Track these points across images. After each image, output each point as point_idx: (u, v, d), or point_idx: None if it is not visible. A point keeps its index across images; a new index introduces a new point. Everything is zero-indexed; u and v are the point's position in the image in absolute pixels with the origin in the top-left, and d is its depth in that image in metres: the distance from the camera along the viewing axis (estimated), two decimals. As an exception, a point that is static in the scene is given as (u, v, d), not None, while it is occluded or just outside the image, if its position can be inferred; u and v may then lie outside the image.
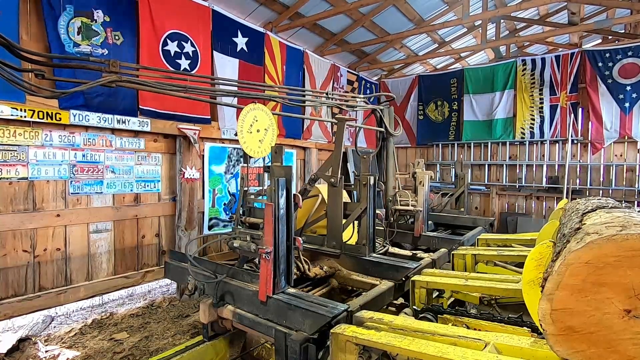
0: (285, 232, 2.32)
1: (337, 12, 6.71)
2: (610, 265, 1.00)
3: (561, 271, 1.06)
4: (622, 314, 1.00)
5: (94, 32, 4.28)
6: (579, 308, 1.04)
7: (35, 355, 3.26)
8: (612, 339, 1.02)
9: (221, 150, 5.96)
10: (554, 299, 1.07)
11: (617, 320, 1.01)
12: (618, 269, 1.00)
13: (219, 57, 5.75)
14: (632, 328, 1.00)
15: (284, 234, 2.31)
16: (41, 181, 4.06)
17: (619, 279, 1.00)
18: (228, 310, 2.47)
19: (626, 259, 0.98)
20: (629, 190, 7.34)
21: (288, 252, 2.36)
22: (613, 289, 1.01)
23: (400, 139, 10.05)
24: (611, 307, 1.01)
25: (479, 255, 3.19)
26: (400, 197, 4.43)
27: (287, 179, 2.33)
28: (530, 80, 8.20)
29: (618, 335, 1.01)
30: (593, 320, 1.03)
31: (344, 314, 1.98)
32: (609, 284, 1.01)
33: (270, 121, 2.65)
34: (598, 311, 1.03)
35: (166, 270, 3.24)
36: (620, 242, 0.99)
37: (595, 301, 1.03)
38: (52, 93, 2.22)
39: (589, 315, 1.04)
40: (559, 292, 1.06)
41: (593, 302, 1.03)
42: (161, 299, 4.74)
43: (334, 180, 3.21)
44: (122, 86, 2.19)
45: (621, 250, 0.99)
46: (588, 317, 1.04)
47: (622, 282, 1.00)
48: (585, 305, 1.04)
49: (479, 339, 1.53)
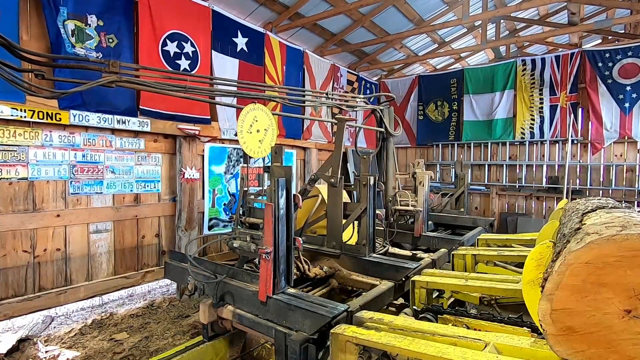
0: (285, 232, 2.31)
1: (337, 12, 6.71)
2: (610, 265, 1.00)
3: (561, 271, 1.05)
4: (622, 314, 1.00)
5: (88, 36, 4.28)
6: (579, 308, 1.04)
7: (35, 355, 3.25)
8: (612, 339, 1.02)
9: (221, 151, 5.96)
10: (554, 299, 1.06)
11: (617, 320, 1.01)
12: (618, 269, 1.00)
13: (219, 57, 5.76)
14: (632, 328, 0.99)
15: (284, 234, 2.31)
16: (41, 181, 4.06)
17: (619, 279, 1.00)
18: (228, 311, 2.47)
19: (626, 259, 0.98)
20: (629, 190, 7.34)
21: (288, 253, 2.35)
22: (613, 289, 1.01)
23: (400, 139, 10.05)
24: (611, 307, 1.01)
25: (479, 255, 3.18)
26: (400, 198, 4.43)
27: (287, 179, 2.33)
28: (530, 80, 8.21)
29: (618, 336, 1.01)
30: (593, 321, 1.03)
31: (344, 314, 1.98)
32: (609, 284, 1.01)
33: (270, 121, 2.65)
34: (598, 311, 1.03)
35: (166, 270, 3.23)
36: (620, 242, 0.99)
37: (595, 301, 1.03)
38: (51, 93, 2.22)
39: (589, 316, 1.03)
40: (559, 292, 1.05)
41: (593, 303, 1.03)
42: (161, 299, 4.74)
43: (333, 181, 3.21)
44: (122, 86, 2.19)
45: (621, 250, 0.99)
46: (588, 318, 1.04)
47: (622, 282, 1.00)
48: (586, 306, 1.03)
49: (479, 339, 1.53)
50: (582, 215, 1.50)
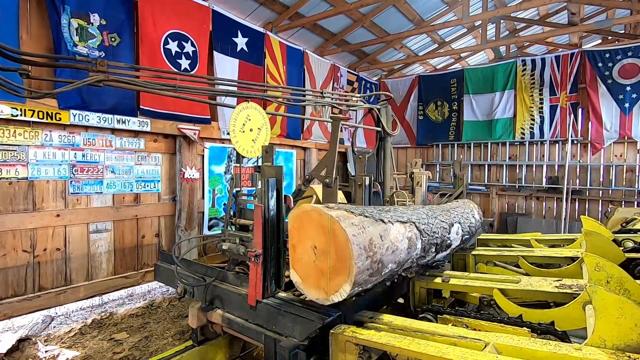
0: (275, 234, 2.23)
1: (337, 12, 6.71)
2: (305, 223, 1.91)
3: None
4: (312, 248, 1.88)
5: (91, 35, 4.28)
6: (298, 245, 1.96)
7: (35, 355, 3.25)
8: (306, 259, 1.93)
9: (221, 150, 5.96)
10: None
11: (311, 252, 1.89)
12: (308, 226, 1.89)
13: (218, 57, 5.75)
14: (314, 257, 1.89)
15: (275, 236, 2.23)
16: (41, 181, 4.06)
17: (308, 232, 1.89)
18: (217, 315, 2.39)
19: (324, 227, 1.80)
20: (628, 190, 7.34)
21: (278, 255, 2.26)
22: (307, 236, 1.90)
23: (400, 139, 10.06)
24: (308, 244, 1.90)
25: (478, 255, 3.19)
26: (398, 198, 4.42)
27: (277, 179, 2.25)
28: (530, 80, 8.20)
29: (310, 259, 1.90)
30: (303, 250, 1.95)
31: (336, 320, 1.90)
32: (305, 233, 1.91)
33: (263, 120, 2.62)
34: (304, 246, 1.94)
35: (156, 273, 3.11)
36: (322, 217, 1.82)
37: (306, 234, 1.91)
38: (37, 94, 2.17)
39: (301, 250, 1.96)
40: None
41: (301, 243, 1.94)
42: (161, 299, 4.74)
43: (328, 181, 3.13)
44: (110, 85, 2.14)
45: (324, 222, 1.81)
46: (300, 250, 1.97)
47: (308, 233, 1.88)
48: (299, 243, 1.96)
49: (479, 339, 1.53)
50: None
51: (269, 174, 2.25)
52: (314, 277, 1.86)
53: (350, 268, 1.70)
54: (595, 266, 1.93)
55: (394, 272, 2.15)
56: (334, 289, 1.77)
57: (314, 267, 1.86)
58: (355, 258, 1.68)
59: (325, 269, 1.80)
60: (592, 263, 1.94)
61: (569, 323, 1.87)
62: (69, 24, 4.08)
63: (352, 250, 1.68)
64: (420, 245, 2.29)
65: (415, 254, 2.25)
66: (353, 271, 1.69)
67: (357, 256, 1.69)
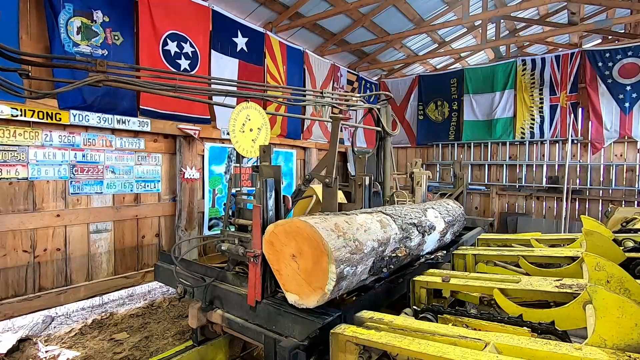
0: None
1: (337, 12, 6.71)
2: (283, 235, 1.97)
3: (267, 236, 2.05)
4: (291, 258, 1.93)
5: (94, 33, 4.28)
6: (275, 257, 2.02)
7: (35, 355, 3.26)
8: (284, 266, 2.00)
9: (221, 150, 5.96)
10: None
11: (292, 262, 1.92)
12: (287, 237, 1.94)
13: (218, 57, 5.75)
14: (291, 262, 1.93)
15: None
16: (41, 181, 4.06)
17: (289, 242, 1.93)
18: (217, 315, 2.39)
19: (288, 233, 1.93)
20: (628, 190, 7.34)
21: None
22: (288, 246, 1.93)
23: (400, 139, 10.06)
24: (288, 256, 1.95)
25: (479, 255, 3.18)
26: (398, 198, 4.41)
27: (275, 179, 2.24)
28: (530, 80, 8.20)
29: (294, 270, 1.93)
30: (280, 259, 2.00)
31: (336, 320, 1.90)
32: (286, 244, 1.95)
33: (263, 120, 2.62)
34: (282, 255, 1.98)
35: (156, 273, 3.10)
36: (284, 225, 1.94)
37: (281, 251, 1.98)
38: (37, 94, 2.17)
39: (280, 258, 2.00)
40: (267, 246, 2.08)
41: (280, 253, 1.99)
42: (161, 299, 4.74)
43: (328, 181, 3.13)
44: (109, 85, 2.15)
45: (288, 228, 1.93)
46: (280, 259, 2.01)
47: (290, 244, 1.92)
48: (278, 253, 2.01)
49: (479, 339, 1.53)
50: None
51: (267, 174, 2.24)
52: (305, 282, 1.88)
53: (325, 248, 1.77)
54: (596, 266, 1.93)
55: (382, 253, 2.21)
56: (323, 278, 1.80)
57: (301, 274, 1.89)
58: (325, 237, 1.78)
59: (309, 266, 1.84)
60: (593, 263, 1.94)
61: (569, 323, 1.87)
62: (66, 24, 4.06)
63: (320, 232, 1.79)
64: (396, 225, 2.40)
65: (394, 233, 2.33)
66: (329, 249, 1.76)
67: (326, 235, 1.79)
